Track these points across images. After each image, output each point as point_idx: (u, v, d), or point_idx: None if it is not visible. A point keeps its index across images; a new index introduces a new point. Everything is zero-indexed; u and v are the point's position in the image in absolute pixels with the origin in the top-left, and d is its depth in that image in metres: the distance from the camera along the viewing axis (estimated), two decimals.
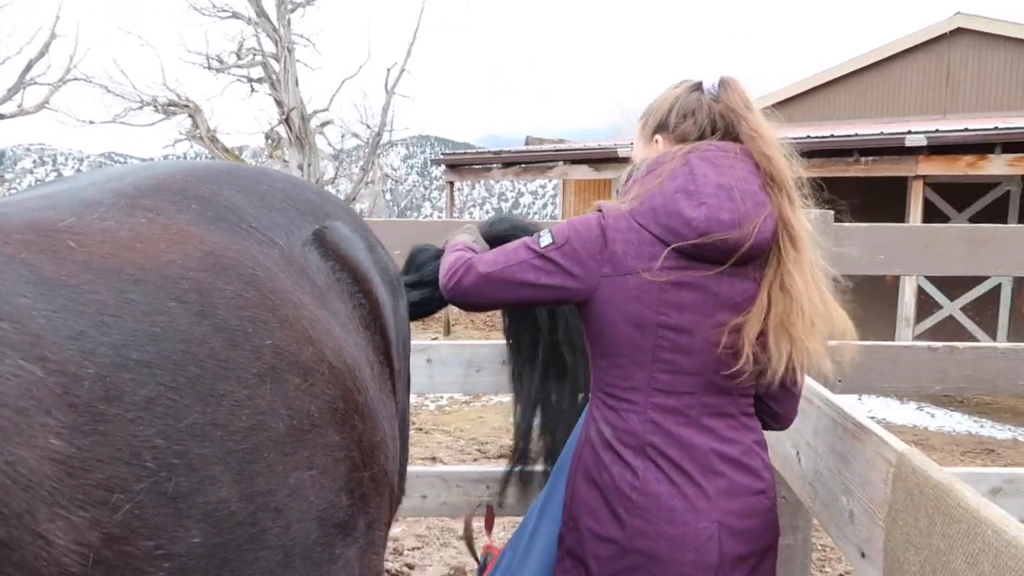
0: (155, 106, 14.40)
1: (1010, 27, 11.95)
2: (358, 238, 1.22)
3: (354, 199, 14.70)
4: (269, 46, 14.21)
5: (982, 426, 7.46)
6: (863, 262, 2.17)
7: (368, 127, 15.53)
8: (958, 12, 12.42)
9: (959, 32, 12.39)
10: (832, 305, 1.43)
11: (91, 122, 15.54)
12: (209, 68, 14.60)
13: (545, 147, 14.30)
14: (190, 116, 14.57)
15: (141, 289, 0.77)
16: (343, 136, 15.97)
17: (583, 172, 12.14)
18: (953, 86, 12.63)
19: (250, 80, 14.64)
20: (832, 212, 2.13)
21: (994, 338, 10.15)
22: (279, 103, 14.01)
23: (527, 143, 16.30)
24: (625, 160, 1.61)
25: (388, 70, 15.12)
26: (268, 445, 0.78)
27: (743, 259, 1.38)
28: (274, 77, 13.98)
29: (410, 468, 2.50)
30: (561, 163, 12.33)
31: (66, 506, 0.62)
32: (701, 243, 1.36)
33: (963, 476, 2.30)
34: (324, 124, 15.01)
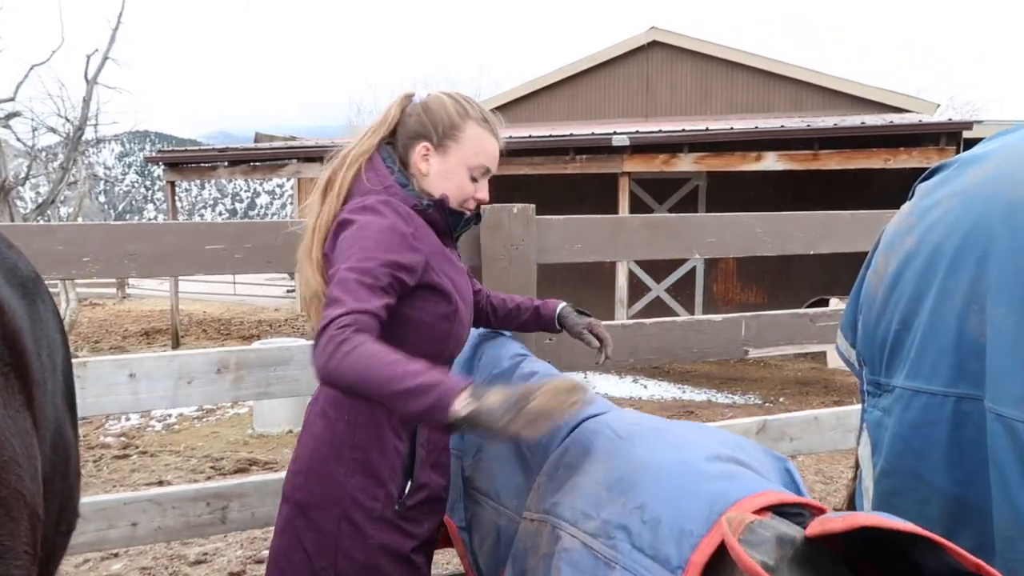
0: None
1: (697, 43, 13.71)
2: None
3: (54, 201, 12.95)
4: None
5: (684, 391, 8.53)
6: (563, 250, 2.37)
7: (68, 120, 13.75)
8: (653, 27, 13.99)
9: (655, 45, 13.96)
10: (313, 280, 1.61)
11: None
12: None
13: (276, 144, 13.71)
14: None
15: None
16: (35, 130, 13.96)
17: (317, 171, 11.83)
18: (652, 93, 14.20)
19: None
20: (533, 206, 2.29)
21: (692, 313, 11.64)
22: None
23: (256, 140, 15.54)
24: None
25: (88, 57, 13.51)
26: None
27: None
28: None
29: (117, 495, 2.27)
30: (294, 161, 11.92)
31: None
32: None
33: None
34: (10, 116, 12.99)
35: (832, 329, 2.74)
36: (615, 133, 9.57)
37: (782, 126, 9.48)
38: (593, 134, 9.95)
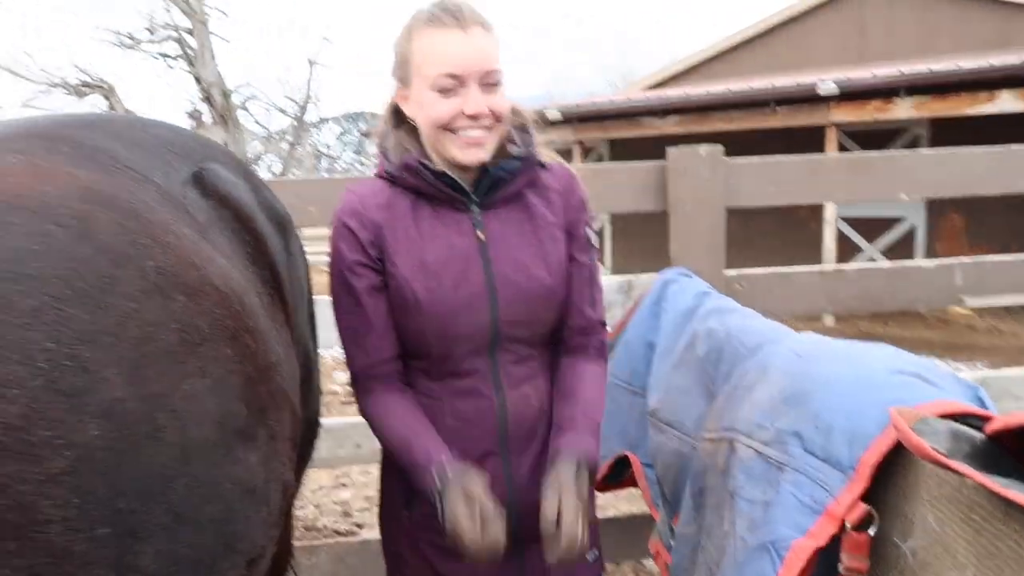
0: (66, 87, 13.82)
1: None
2: (239, 178, 1.28)
3: (284, 176, 14.45)
4: (182, 19, 13.74)
5: None
6: (754, 194, 2.31)
7: (294, 101, 15.23)
8: None
9: None
10: None
11: None
12: (120, 46, 14.06)
13: None
14: (105, 96, 14.05)
15: (19, 215, 0.84)
16: (268, 111, 15.63)
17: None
18: (865, 37, 13.03)
19: (165, 57, 14.16)
20: (721, 147, 2.26)
21: None
22: (198, 79, 13.59)
23: None
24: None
25: (308, 40, 14.80)
26: (159, 353, 0.86)
27: None
28: (190, 52, 13.54)
29: (344, 419, 2.58)
30: None
31: None
32: None
33: None
34: (247, 100, 14.66)
35: None
36: (820, 80, 8.92)
37: (1022, 61, 8.33)
38: (797, 84, 9.34)
